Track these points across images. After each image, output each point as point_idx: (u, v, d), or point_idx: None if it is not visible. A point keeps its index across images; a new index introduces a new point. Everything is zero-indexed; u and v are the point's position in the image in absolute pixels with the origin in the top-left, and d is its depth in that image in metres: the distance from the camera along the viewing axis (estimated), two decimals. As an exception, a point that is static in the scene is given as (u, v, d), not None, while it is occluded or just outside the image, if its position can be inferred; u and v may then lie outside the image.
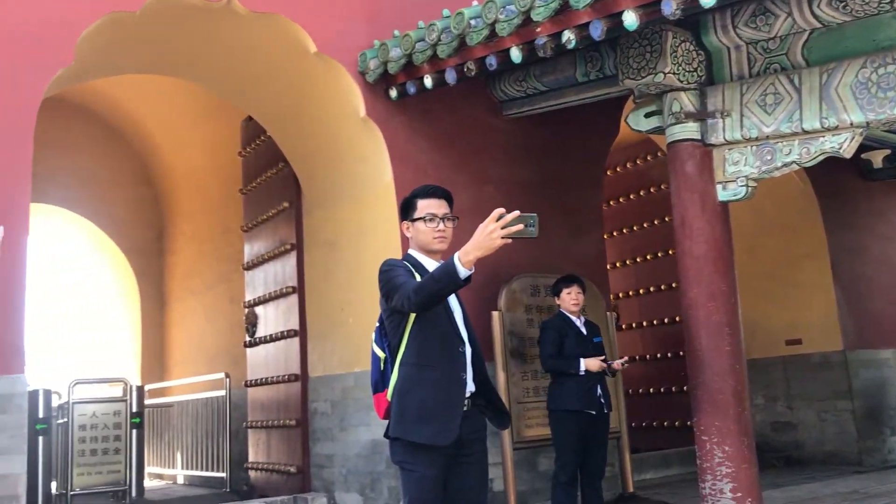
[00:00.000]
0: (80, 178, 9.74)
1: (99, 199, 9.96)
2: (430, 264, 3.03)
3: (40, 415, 6.85)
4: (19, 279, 4.46)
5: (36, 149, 4.69)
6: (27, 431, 4.54)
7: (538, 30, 4.54)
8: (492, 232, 2.59)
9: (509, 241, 2.62)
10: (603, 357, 5.05)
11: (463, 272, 2.65)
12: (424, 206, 3.06)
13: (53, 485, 7.31)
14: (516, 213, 2.62)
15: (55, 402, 7.37)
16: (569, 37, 4.43)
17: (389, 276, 2.94)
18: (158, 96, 9.06)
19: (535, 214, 2.69)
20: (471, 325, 3.11)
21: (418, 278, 2.92)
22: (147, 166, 10.39)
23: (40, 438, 6.83)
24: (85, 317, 11.84)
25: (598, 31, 4.28)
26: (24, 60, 4.61)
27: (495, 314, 5.70)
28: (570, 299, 5.19)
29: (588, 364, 4.94)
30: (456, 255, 2.65)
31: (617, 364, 5.11)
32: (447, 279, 2.69)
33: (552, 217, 6.53)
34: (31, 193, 4.64)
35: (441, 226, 3.04)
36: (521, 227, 2.62)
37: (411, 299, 2.78)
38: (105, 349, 11.04)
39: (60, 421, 7.35)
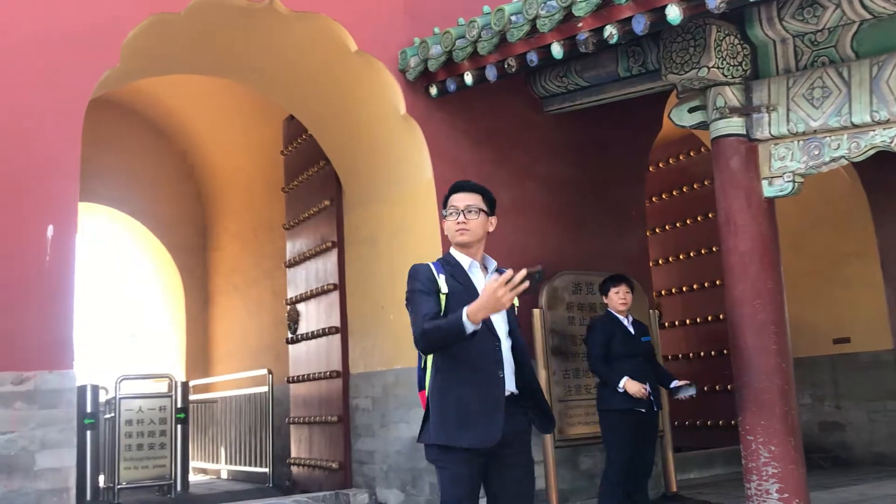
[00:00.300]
0: (126, 177, 9.92)
1: (144, 198, 10.13)
2: (464, 260, 3.08)
3: (88, 409, 7.01)
4: (68, 277, 4.55)
5: (83, 148, 4.78)
6: (76, 426, 4.63)
7: (580, 25, 4.50)
8: (502, 296, 2.65)
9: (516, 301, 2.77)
10: (646, 386, 4.99)
11: (469, 328, 2.73)
12: (451, 201, 3.11)
13: (101, 478, 7.46)
14: (523, 272, 2.71)
15: (102, 398, 7.52)
16: (611, 32, 4.38)
17: (410, 291, 3.03)
18: (202, 96, 9.19)
19: (540, 268, 2.85)
20: (516, 321, 3.09)
21: (442, 283, 2.98)
22: (191, 165, 10.54)
23: (88, 433, 6.99)
24: (131, 313, 12.05)
25: (640, 25, 4.23)
26: (71, 62, 4.70)
27: (536, 312, 5.67)
28: (618, 299, 5.16)
29: (628, 386, 4.92)
30: (465, 312, 2.71)
31: (682, 393, 5.05)
32: (453, 334, 2.77)
33: (594, 214, 6.49)
34: (79, 192, 4.73)
35: (461, 218, 3.05)
36: (527, 284, 2.73)
37: (419, 343, 2.90)
38: (150, 345, 11.23)
39: (108, 416, 7.49)
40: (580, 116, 6.36)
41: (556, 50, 4.70)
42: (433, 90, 5.72)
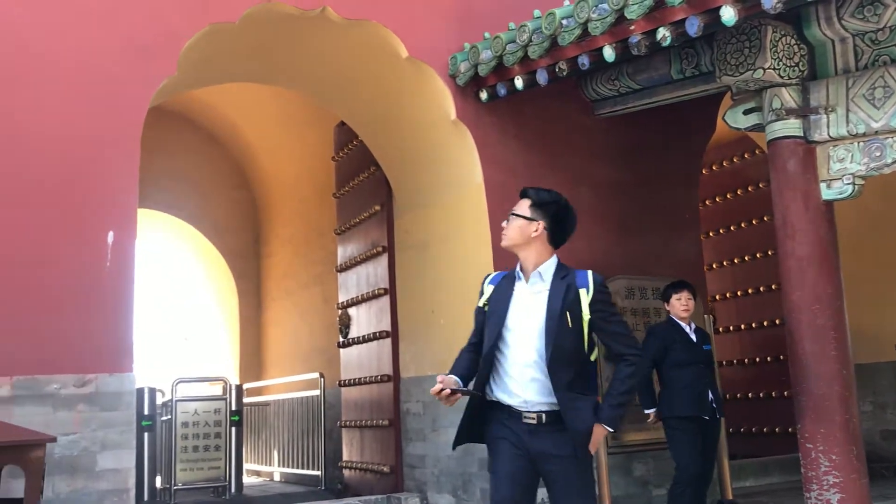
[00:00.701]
0: (181, 183, 10.12)
1: (199, 204, 10.33)
2: (523, 272, 3.13)
3: (146, 412, 7.16)
4: (128, 282, 4.66)
5: (142, 156, 4.89)
6: (135, 428, 4.74)
7: (632, 28, 4.46)
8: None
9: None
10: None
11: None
12: None
13: (158, 479, 7.61)
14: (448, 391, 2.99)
15: (159, 400, 7.68)
16: (664, 34, 4.34)
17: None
18: (254, 103, 9.33)
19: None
20: (553, 338, 2.97)
21: (485, 295, 3.17)
22: (244, 171, 10.71)
23: (146, 434, 7.14)
24: (185, 316, 12.28)
25: (694, 27, 4.17)
26: (131, 72, 4.82)
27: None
28: (679, 305, 5.11)
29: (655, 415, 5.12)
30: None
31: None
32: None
33: (646, 217, 6.42)
34: (138, 199, 4.84)
35: (504, 224, 3.17)
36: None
37: None
38: (204, 348, 11.43)
39: (164, 418, 7.64)
40: (632, 119, 6.30)
41: (608, 53, 4.67)
42: (483, 95, 5.72)
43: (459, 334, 5.90)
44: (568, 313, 2.97)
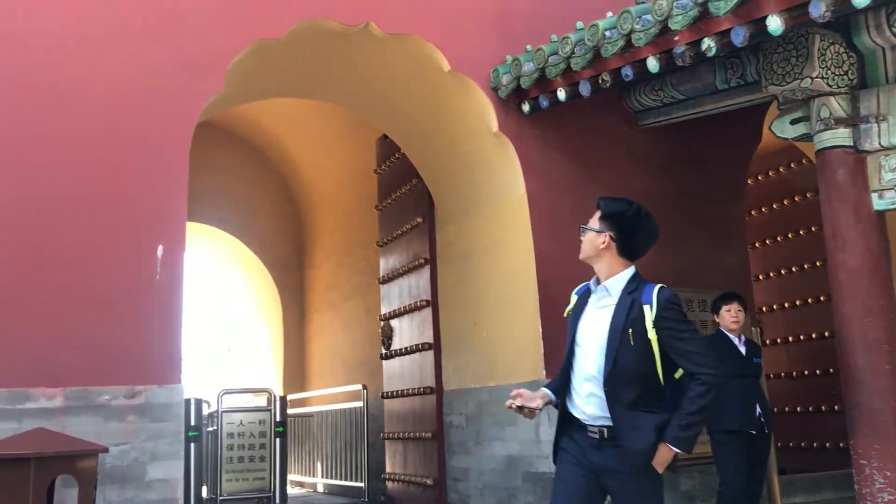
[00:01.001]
0: (226, 197, 10.28)
1: (244, 217, 10.47)
2: (596, 277, 3.12)
3: (192, 422, 7.25)
4: (177, 295, 4.74)
5: (189, 170, 4.98)
6: (183, 438, 4.81)
7: (676, 39, 4.44)
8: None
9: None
10: None
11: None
12: None
13: (204, 489, 7.70)
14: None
15: (205, 411, 7.77)
16: (709, 44, 4.30)
17: None
18: (298, 118, 9.45)
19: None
20: (612, 356, 2.90)
21: (570, 305, 3.16)
22: (288, 184, 10.85)
23: (192, 445, 7.22)
24: (229, 327, 12.44)
25: (739, 37, 4.14)
26: (179, 88, 4.92)
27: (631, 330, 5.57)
28: (729, 317, 5.05)
29: None
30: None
31: None
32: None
33: (691, 229, 6.35)
34: (186, 213, 4.93)
35: (581, 236, 3.16)
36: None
37: None
38: (247, 359, 11.56)
39: (210, 429, 7.73)
40: (675, 130, 6.25)
41: (652, 64, 4.64)
42: (525, 107, 5.73)
43: (502, 346, 5.93)
44: (630, 331, 2.87)
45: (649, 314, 2.87)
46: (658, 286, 2.95)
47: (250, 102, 7.88)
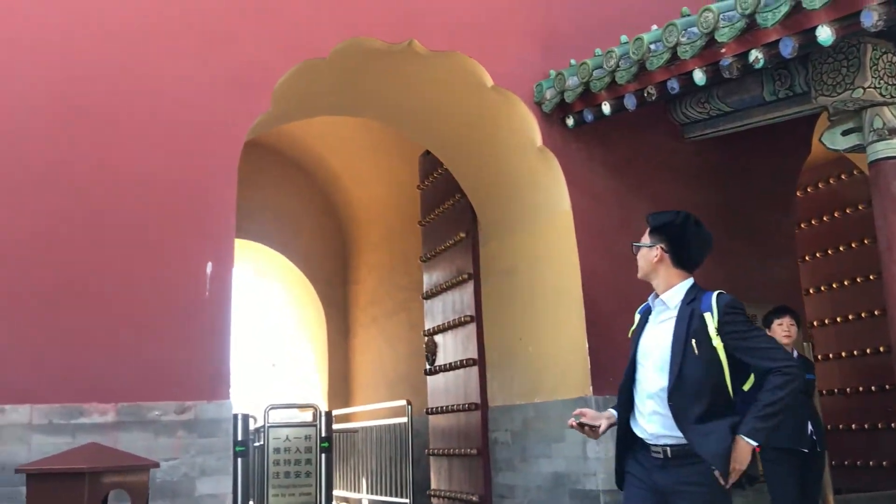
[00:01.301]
0: (272, 213, 10.40)
1: (289, 233, 10.59)
2: (654, 293, 3.06)
3: (239, 437, 7.31)
4: (225, 311, 4.80)
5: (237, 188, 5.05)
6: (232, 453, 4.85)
7: (723, 51, 4.39)
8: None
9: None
10: None
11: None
12: None
13: (251, 504, 7.76)
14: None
15: (252, 426, 7.84)
16: (756, 56, 4.25)
17: None
18: (341, 134, 9.54)
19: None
20: (675, 369, 2.82)
21: (634, 325, 3.11)
22: (332, 201, 10.94)
23: (239, 460, 7.28)
24: (273, 342, 12.55)
25: (788, 49, 4.07)
26: (227, 108, 5.00)
27: (680, 344, 5.50)
28: (781, 331, 4.95)
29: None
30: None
31: None
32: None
33: (740, 242, 6.26)
34: (235, 230, 5.00)
35: (637, 254, 3.10)
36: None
37: None
38: (292, 374, 11.64)
39: (257, 444, 7.79)
40: (722, 142, 6.17)
41: (699, 77, 4.60)
42: (570, 121, 5.71)
43: (548, 362, 5.88)
44: (693, 341, 2.79)
45: (711, 321, 2.80)
46: (716, 292, 2.87)
47: (296, 121, 7.97)
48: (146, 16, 4.92)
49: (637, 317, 3.13)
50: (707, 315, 2.82)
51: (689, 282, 2.99)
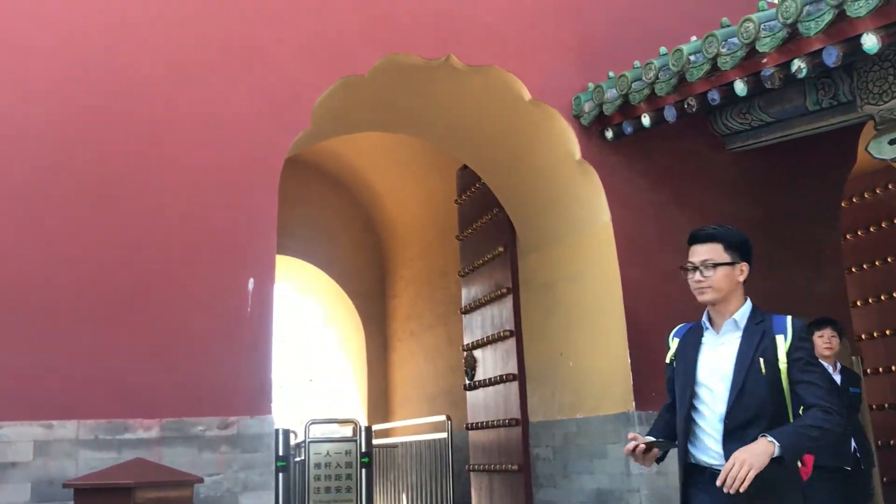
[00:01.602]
0: (310, 229, 10.48)
1: (327, 248, 10.65)
2: (705, 319, 2.88)
3: (280, 452, 7.34)
4: (267, 327, 4.83)
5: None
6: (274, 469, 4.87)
7: (764, 61, 4.34)
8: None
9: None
10: None
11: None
12: (689, 255, 2.87)
13: (292, 519, 7.77)
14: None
15: (292, 441, 7.86)
16: (799, 66, 4.19)
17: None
18: (378, 150, 9.60)
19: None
20: (740, 385, 2.70)
21: (671, 350, 2.95)
22: (370, 215, 11.00)
23: (280, 475, 7.31)
24: (311, 357, 12.62)
25: (832, 57, 4.01)
26: (268, 126, 5.05)
27: (725, 359, 5.41)
28: (822, 343, 4.84)
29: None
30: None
31: None
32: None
33: (784, 254, 6.16)
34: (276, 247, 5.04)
35: (698, 276, 2.83)
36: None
37: None
38: (330, 389, 11.68)
39: (297, 459, 7.81)
40: (765, 152, 6.08)
41: (740, 87, 4.55)
42: (609, 133, 5.67)
43: (589, 377, 5.83)
44: (761, 360, 2.69)
45: (783, 344, 2.70)
46: (789, 317, 2.79)
47: (334, 137, 8.04)
48: (188, 36, 5.00)
49: (674, 340, 2.97)
50: (780, 337, 2.72)
51: (750, 301, 2.90)
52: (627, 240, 5.66)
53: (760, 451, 2.50)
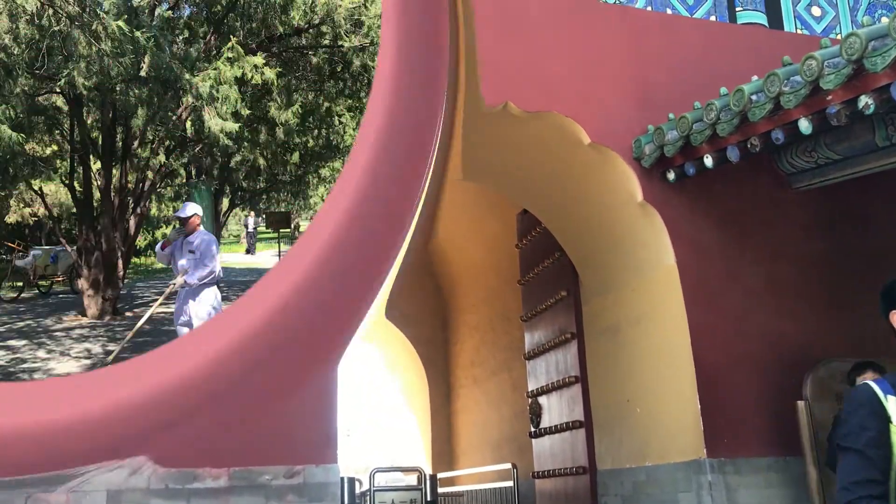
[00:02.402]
0: (373, 276, 10.56)
1: (387, 294, 10.70)
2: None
3: (345, 501, 7.33)
4: (332, 375, 4.87)
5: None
6: (339, 518, 4.86)
7: (829, 98, 4.26)
8: None
9: None
10: None
11: None
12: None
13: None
14: None
15: (357, 490, 7.84)
16: (866, 102, 4.10)
17: (844, 427, 2.31)
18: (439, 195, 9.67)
19: None
20: None
21: (892, 410, 2.24)
22: (430, 261, 11.04)
23: (346, 525, 7.28)
24: (379, 404, 12.61)
25: (901, 91, 3.92)
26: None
27: (801, 404, 5.24)
28: None
29: None
30: None
31: None
32: None
33: (860, 293, 5.94)
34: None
35: None
36: None
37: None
38: (397, 436, 11.64)
39: (362, 508, 7.78)
40: (832, 190, 5.93)
41: (804, 125, 4.47)
42: (671, 175, 5.62)
43: (658, 424, 5.69)
44: None
45: None
46: None
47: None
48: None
49: (892, 399, 2.27)
50: None
51: None
52: (693, 281, 5.57)
53: None
